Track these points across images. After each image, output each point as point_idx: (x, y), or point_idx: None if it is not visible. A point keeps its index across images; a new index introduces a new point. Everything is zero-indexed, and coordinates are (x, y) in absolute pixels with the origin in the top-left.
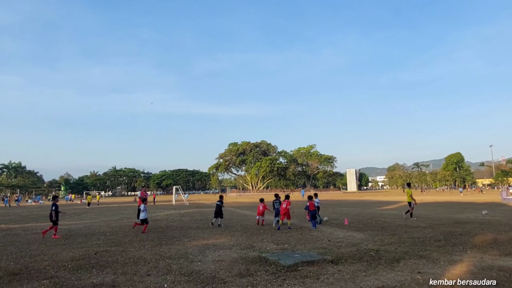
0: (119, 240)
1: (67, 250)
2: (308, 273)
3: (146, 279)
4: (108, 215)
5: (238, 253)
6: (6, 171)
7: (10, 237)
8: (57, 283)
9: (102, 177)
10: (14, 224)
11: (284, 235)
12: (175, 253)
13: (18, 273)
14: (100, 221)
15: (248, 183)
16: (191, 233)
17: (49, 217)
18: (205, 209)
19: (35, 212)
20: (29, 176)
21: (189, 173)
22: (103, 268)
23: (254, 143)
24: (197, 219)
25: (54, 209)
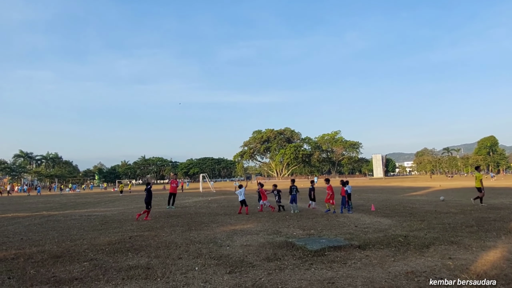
0: (151, 225)
1: (104, 235)
2: (335, 258)
3: (178, 262)
4: (140, 202)
5: (265, 238)
6: (45, 162)
7: (51, 223)
8: (96, 265)
9: (132, 166)
10: (54, 211)
11: (310, 221)
12: (204, 238)
13: (60, 255)
14: (133, 208)
15: (273, 170)
16: (218, 219)
17: (144, 201)
18: (231, 196)
19: (72, 199)
20: (66, 166)
21: (215, 161)
22: (138, 252)
23: (278, 130)
24: (224, 206)
25: (147, 194)
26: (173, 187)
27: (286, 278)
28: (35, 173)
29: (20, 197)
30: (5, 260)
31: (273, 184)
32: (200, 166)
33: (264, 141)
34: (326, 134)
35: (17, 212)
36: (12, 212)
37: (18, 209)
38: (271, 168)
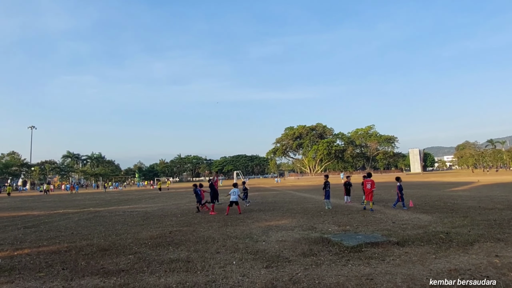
0: (189, 221)
1: (146, 230)
2: (373, 254)
3: (216, 256)
4: (177, 199)
5: (300, 234)
6: (90, 162)
7: (98, 219)
8: (140, 257)
9: (169, 164)
10: (100, 207)
11: (346, 217)
12: (240, 233)
13: (108, 248)
14: (171, 204)
15: (305, 167)
16: (253, 215)
17: (210, 197)
18: (265, 193)
19: (116, 197)
20: (109, 165)
21: (248, 158)
22: (178, 246)
23: (310, 126)
24: (258, 202)
25: (211, 190)
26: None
27: (323, 274)
28: (82, 172)
29: (68, 195)
30: (59, 253)
31: (242, 181)
32: (233, 163)
33: (296, 138)
34: (360, 129)
35: (67, 209)
36: (62, 208)
37: (68, 206)
38: (304, 165)
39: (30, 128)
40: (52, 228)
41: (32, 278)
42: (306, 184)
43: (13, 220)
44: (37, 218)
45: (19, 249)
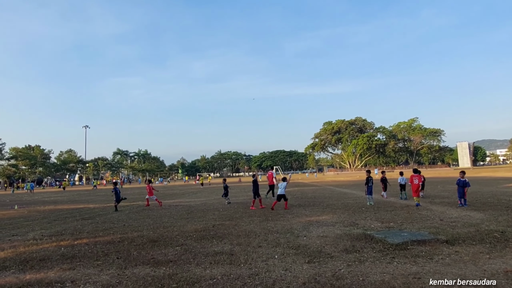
0: (230, 215)
1: (191, 223)
2: (420, 253)
3: (258, 250)
4: (219, 194)
5: (341, 230)
6: (137, 158)
7: (146, 212)
8: (186, 249)
9: (210, 160)
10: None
11: (389, 213)
12: (281, 228)
13: (156, 240)
14: (213, 199)
15: (345, 162)
16: (293, 210)
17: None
18: (304, 188)
19: (161, 191)
20: (154, 162)
21: (287, 154)
22: (221, 239)
23: (349, 120)
24: (298, 197)
25: (254, 186)
26: (271, 179)
27: (367, 271)
28: (130, 168)
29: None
30: (113, 243)
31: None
32: (272, 159)
33: (335, 132)
34: (402, 122)
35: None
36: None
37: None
38: (343, 160)
39: (84, 127)
40: (106, 220)
41: (91, 265)
42: (345, 179)
43: (72, 212)
44: (92, 211)
45: (78, 239)
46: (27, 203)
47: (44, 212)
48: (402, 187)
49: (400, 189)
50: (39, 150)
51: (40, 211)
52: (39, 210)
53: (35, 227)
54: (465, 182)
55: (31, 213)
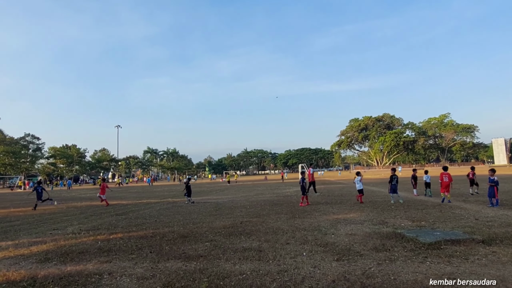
0: (258, 212)
1: (219, 220)
2: (454, 253)
3: (286, 247)
4: (245, 191)
5: (370, 228)
6: (166, 156)
7: (176, 208)
8: (216, 245)
9: (236, 158)
10: (177, 198)
11: (420, 212)
12: (308, 225)
13: (187, 235)
14: (240, 196)
15: (372, 159)
16: (320, 207)
17: (301, 189)
18: (330, 186)
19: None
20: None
21: (312, 152)
22: (249, 236)
23: (376, 117)
24: (324, 195)
25: (301, 182)
26: (311, 176)
27: (398, 270)
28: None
29: (148, 187)
30: (146, 238)
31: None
32: (298, 156)
33: (362, 129)
34: (433, 118)
35: (149, 199)
36: (145, 198)
37: (150, 197)
38: (370, 157)
39: (116, 127)
40: (139, 216)
41: (126, 259)
42: (373, 177)
43: (106, 209)
44: (125, 207)
45: (113, 233)
46: (65, 199)
47: (81, 207)
48: (427, 185)
49: (425, 187)
50: (75, 149)
51: (78, 207)
52: (77, 206)
53: (73, 222)
54: (494, 181)
55: (69, 208)
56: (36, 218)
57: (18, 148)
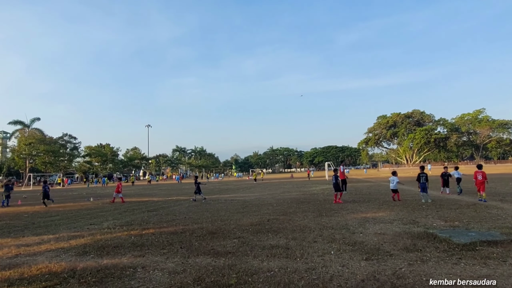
0: (284, 210)
1: (246, 217)
2: (490, 254)
3: (313, 245)
4: (272, 189)
5: (400, 227)
6: (194, 155)
7: (204, 205)
8: (243, 242)
9: (262, 156)
10: (205, 195)
11: (453, 211)
12: (335, 224)
13: (215, 232)
14: (266, 194)
15: (401, 157)
16: (348, 206)
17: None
18: (357, 184)
19: (217, 186)
20: (209, 158)
21: (339, 149)
22: (276, 233)
23: (405, 113)
24: (351, 193)
25: (335, 180)
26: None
27: (430, 271)
28: (188, 164)
29: (177, 184)
30: (176, 233)
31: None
32: (324, 154)
33: (390, 126)
34: (466, 114)
35: (178, 196)
36: (175, 196)
37: (179, 194)
38: (399, 155)
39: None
40: (169, 212)
41: (158, 253)
42: (402, 175)
43: (138, 205)
44: (156, 204)
45: (145, 229)
46: (100, 195)
47: (115, 204)
48: (458, 180)
49: (457, 183)
50: (109, 148)
51: (111, 203)
52: (111, 202)
53: (108, 217)
54: None
55: (104, 205)
56: (74, 214)
57: (57, 148)
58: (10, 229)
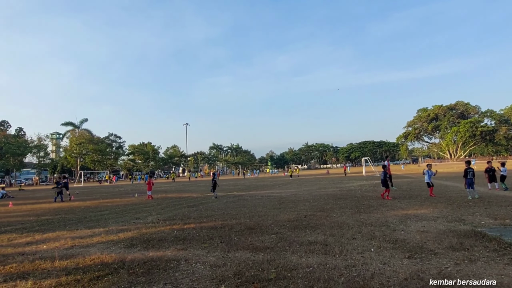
0: (321, 206)
1: (283, 213)
2: None
3: (352, 241)
4: (308, 185)
5: (444, 225)
6: (230, 152)
7: (241, 201)
8: (281, 237)
9: (297, 153)
10: (242, 192)
11: (504, 209)
12: (375, 221)
13: (253, 228)
14: (303, 190)
15: (444, 151)
16: (387, 202)
17: (382, 183)
18: (396, 180)
19: (253, 182)
20: (245, 155)
21: (376, 144)
22: (314, 229)
23: (448, 105)
24: (391, 190)
25: (383, 177)
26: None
27: (479, 271)
28: (224, 161)
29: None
30: (216, 228)
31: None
32: (361, 150)
33: (432, 119)
34: None
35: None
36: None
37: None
38: (442, 149)
39: (185, 125)
40: (208, 208)
41: (199, 247)
42: (445, 171)
43: (179, 201)
44: (196, 199)
45: (187, 223)
46: (144, 192)
47: (157, 199)
48: (501, 178)
49: (500, 180)
50: (151, 146)
51: (154, 198)
52: (154, 198)
53: (152, 212)
54: None
55: (148, 200)
56: (121, 208)
57: (104, 146)
58: (65, 223)
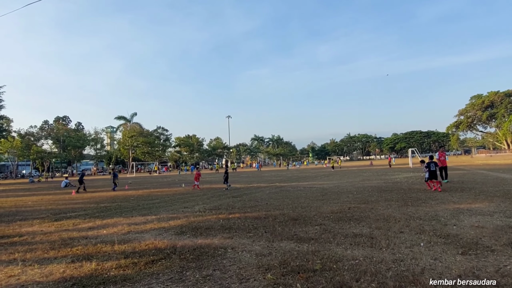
0: (365, 198)
1: (326, 205)
2: None
3: (400, 235)
4: (351, 177)
5: (502, 221)
6: (271, 143)
7: (284, 192)
8: (325, 229)
9: (339, 144)
10: (284, 183)
11: None
12: (423, 214)
13: (297, 218)
14: (345, 182)
15: (501, 142)
16: (437, 195)
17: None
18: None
19: (295, 174)
20: (286, 146)
21: (424, 135)
22: (359, 222)
23: (505, 91)
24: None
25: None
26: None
27: None
28: (266, 152)
29: (257, 172)
30: (260, 218)
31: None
32: (407, 140)
33: (487, 107)
34: None
35: (259, 183)
36: (256, 183)
37: (259, 181)
38: (499, 139)
39: (227, 117)
40: (252, 198)
41: (245, 236)
42: (502, 162)
43: (224, 191)
44: (239, 190)
45: (232, 213)
46: (190, 182)
47: (203, 190)
48: None
49: None
50: (195, 138)
51: (201, 189)
52: (199, 188)
53: (198, 201)
54: None
55: (194, 190)
56: (171, 198)
57: (153, 139)
58: (122, 210)
